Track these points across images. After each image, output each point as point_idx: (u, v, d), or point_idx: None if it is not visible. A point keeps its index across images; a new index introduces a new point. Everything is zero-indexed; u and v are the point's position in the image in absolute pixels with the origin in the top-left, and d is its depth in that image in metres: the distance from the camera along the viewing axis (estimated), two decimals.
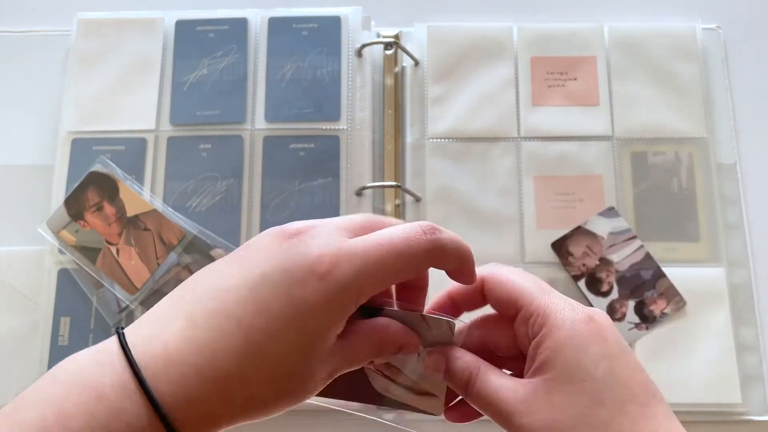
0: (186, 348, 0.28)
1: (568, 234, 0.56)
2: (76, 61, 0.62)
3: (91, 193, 0.57)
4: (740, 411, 0.53)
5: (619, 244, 0.56)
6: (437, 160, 0.59)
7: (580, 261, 0.55)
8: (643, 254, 0.55)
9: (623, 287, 0.55)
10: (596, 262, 0.55)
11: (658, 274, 0.55)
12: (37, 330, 0.55)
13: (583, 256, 0.55)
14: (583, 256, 0.55)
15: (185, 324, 0.28)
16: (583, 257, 0.55)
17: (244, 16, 0.63)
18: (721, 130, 0.61)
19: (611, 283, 0.55)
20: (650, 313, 0.54)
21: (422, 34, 0.63)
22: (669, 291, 0.55)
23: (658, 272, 0.55)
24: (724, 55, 0.63)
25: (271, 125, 0.60)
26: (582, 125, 0.60)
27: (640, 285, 0.55)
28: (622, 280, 0.55)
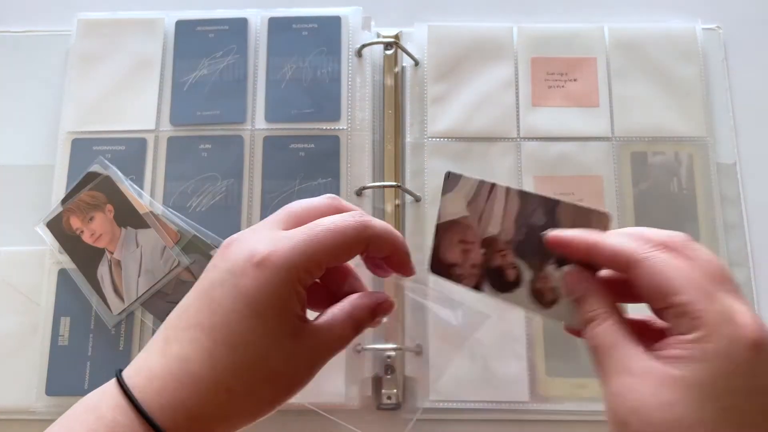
0: (165, 361, 0.31)
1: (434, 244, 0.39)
2: (76, 61, 0.62)
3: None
4: None
5: (486, 207, 0.38)
6: (437, 160, 0.59)
7: (467, 264, 0.38)
8: (517, 197, 0.37)
9: (529, 257, 0.36)
10: (482, 251, 0.38)
11: (551, 205, 0.36)
12: (37, 330, 0.55)
13: (464, 255, 0.38)
14: (464, 256, 0.38)
15: (162, 344, 0.32)
16: (464, 257, 0.38)
17: (244, 16, 0.63)
18: (721, 130, 0.61)
19: (513, 264, 0.37)
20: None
21: (422, 34, 0.63)
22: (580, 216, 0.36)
23: (550, 203, 0.36)
24: (724, 55, 0.64)
25: (271, 125, 0.60)
26: (582, 126, 0.60)
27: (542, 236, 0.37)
28: (521, 249, 0.36)
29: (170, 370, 0.31)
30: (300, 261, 0.32)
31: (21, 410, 0.54)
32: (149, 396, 0.30)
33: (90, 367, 0.54)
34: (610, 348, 0.31)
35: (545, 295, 0.36)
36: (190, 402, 0.30)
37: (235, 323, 0.31)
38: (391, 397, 0.54)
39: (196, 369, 0.30)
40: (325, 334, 0.33)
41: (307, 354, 0.33)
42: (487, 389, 0.54)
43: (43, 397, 0.54)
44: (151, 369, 0.31)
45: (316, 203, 0.35)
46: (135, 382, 0.31)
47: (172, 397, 0.30)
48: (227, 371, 0.31)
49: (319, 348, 0.33)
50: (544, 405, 0.53)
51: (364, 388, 0.54)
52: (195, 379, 0.30)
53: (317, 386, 0.53)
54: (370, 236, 0.34)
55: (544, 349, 0.55)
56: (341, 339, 0.34)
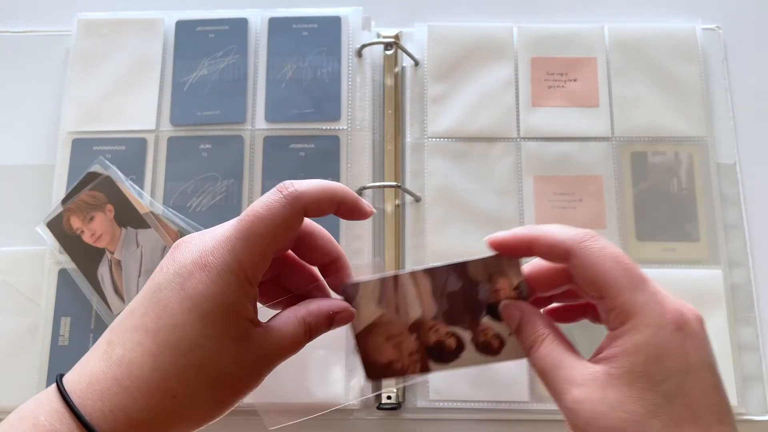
0: (106, 365, 0.30)
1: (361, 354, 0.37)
2: (77, 61, 0.62)
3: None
4: (738, 412, 0.53)
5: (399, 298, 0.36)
6: (437, 159, 0.60)
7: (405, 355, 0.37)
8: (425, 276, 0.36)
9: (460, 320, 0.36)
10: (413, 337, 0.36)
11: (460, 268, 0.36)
12: (37, 330, 0.55)
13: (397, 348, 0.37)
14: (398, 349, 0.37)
15: (105, 347, 0.31)
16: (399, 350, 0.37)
17: (244, 16, 0.63)
18: (720, 130, 0.61)
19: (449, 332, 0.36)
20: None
21: (422, 34, 0.63)
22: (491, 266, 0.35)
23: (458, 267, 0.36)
24: (724, 55, 0.64)
25: (272, 125, 0.60)
26: (582, 126, 0.60)
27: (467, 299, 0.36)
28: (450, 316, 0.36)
29: (113, 374, 0.29)
30: (244, 258, 0.30)
31: None
32: (90, 401, 0.29)
33: None
34: (555, 367, 0.31)
35: (491, 344, 0.36)
36: (132, 408, 0.29)
37: (182, 326, 0.30)
38: (391, 397, 0.54)
39: (140, 373, 0.29)
40: (275, 337, 0.32)
41: (255, 358, 0.31)
42: (487, 389, 0.54)
43: None
44: (93, 373, 0.30)
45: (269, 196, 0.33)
46: (75, 387, 0.30)
47: (113, 402, 0.29)
48: (172, 375, 0.29)
49: (268, 352, 0.32)
50: (544, 405, 0.53)
51: (364, 388, 0.54)
52: (138, 384, 0.29)
53: (317, 386, 0.53)
54: (305, 205, 0.32)
55: None
56: (293, 344, 0.33)
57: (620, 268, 0.31)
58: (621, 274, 0.31)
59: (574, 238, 0.32)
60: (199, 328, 0.30)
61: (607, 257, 0.31)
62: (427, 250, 0.57)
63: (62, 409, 0.29)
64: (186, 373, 0.30)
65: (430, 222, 0.58)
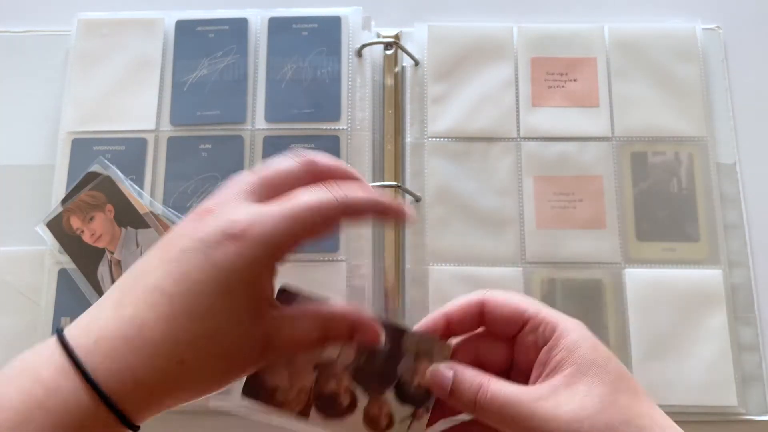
0: (115, 324, 0.29)
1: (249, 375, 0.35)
2: (76, 61, 0.62)
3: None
4: (738, 412, 0.53)
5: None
6: (437, 159, 0.60)
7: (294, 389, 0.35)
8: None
9: (367, 382, 0.35)
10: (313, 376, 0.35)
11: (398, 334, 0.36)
12: (37, 330, 0.55)
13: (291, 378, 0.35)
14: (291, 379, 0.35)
15: (115, 305, 0.30)
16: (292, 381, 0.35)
17: (244, 16, 0.63)
18: (720, 130, 0.61)
19: (349, 388, 0.35)
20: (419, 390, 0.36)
21: (422, 34, 0.63)
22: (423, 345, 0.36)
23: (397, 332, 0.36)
24: (724, 55, 0.64)
25: (272, 125, 0.60)
26: (582, 126, 0.60)
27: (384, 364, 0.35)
28: (360, 374, 0.35)
29: (122, 333, 0.29)
30: (280, 238, 0.30)
31: None
32: (96, 358, 0.28)
33: None
34: (513, 398, 0.32)
35: (380, 421, 0.35)
36: (140, 369, 0.28)
37: (201, 295, 0.29)
38: None
39: (151, 335, 0.29)
40: (287, 325, 0.32)
41: (264, 337, 0.31)
42: None
43: None
44: (100, 330, 0.29)
45: (293, 170, 0.33)
46: (80, 343, 0.29)
47: (122, 361, 0.28)
48: (183, 341, 0.29)
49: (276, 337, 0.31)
50: None
51: None
52: (149, 345, 0.28)
53: None
54: (348, 211, 0.32)
55: None
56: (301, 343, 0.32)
57: (527, 298, 0.37)
58: (530, 300, 0.36)
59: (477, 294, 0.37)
60: (219, 297, 0.29)
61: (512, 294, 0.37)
62: (427, 250, 0.57)
63: (66, 365, 0.28)
64: (197, 340, 0.29)
65: (430, 222, 0.58)
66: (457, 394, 0.34)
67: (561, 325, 0.34)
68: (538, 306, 0.36)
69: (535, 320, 0.35)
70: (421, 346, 0.35)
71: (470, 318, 0.37)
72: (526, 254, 0.57)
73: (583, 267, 0.57)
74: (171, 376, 0.29)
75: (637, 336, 0.55)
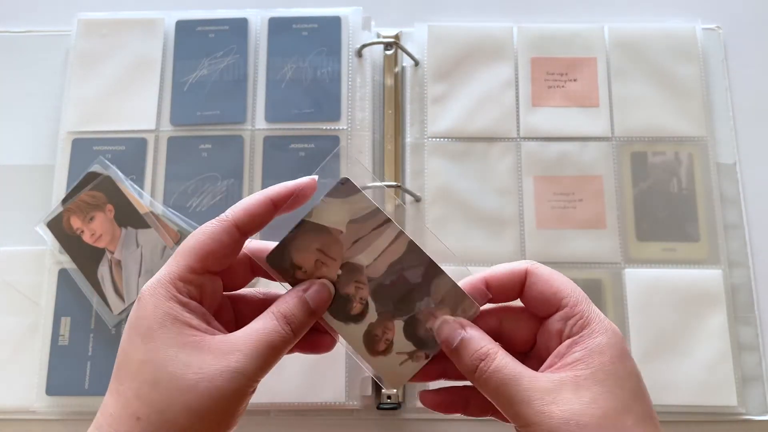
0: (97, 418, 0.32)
1: (288, 236, 0.35)
2: (77, 61, 0.62)
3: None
4: (738, 412, 0.53)
5: (367, 236, 0.35)
6: (437, 159, 0.60)
7: (315, 276, 0.35)
8: (404, 246, 0.35)
9: (383, 302, 0.35)
10: (337, 272, 0.35)
11: (433, 272, 0.35)
12: (37, 330, 0.55)
13: (317, 266, 0.35)
14: (317, 267, 0.35)
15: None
16: (315, 268, 0.35)
17: (244, 16, 0.63)
18: (720, 130, 0.61)
19: (364, 300, 0.35)
20: (428, 334, 0.35)
21: (422, 34, 0.63)
22: (451, 295, 0.35)
23: (432, 270, 0.35)
24: (724, 55, 0.64)
25: (272, 125, 0.60)
26: (582, 126, 0.60)
27: (407, 294, 0.35)
28: (380, 292, 0.35)
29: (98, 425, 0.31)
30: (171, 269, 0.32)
31: (21, 410, 0.54)
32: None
33: (90, 367, 0.54)
34: (516, 378, 0.31)
35: (378, 344, 0.35)
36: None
37: (129, 353, 0.31)
38: (391, 397, 0.54)
39: (113, 411, 0.31)
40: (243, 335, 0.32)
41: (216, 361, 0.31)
42: None
43: (44, 397, 0.54)
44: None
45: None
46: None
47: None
48: (131, 399, 0.30)
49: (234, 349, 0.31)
50: None
51: (364, 388, 0.54)
52: (112, 422, 0.31)
53: (318, 386, 0.53)
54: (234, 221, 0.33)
55: None
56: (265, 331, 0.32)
57: (571, 284, 0.34)
58: (574, 288, 0.34)
59: (525, 263, 0.35)
60: (142, 346, 0.31)
61: (559, 275, 0.34)
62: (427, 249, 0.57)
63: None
64: (140, 390, 0.30)
65: (430, 222, 0.58)
66: (460, 353, 0.33)
67: (594, 325, 0.32)
68: (579, 296, 0.33)
69: (571, 310, 0.33)
70: (449, 295, 0.35)
71: (511, 287, 0.35)
72: (526, 254, 0.57)
73: (583, 267, 0.57)
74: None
75: (637, 336, 0.55)
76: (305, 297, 0.34)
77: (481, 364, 0.32)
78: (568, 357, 0.32)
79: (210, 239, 0.33)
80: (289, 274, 0.35)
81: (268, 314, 0.33)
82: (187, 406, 0.30)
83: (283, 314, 0.33)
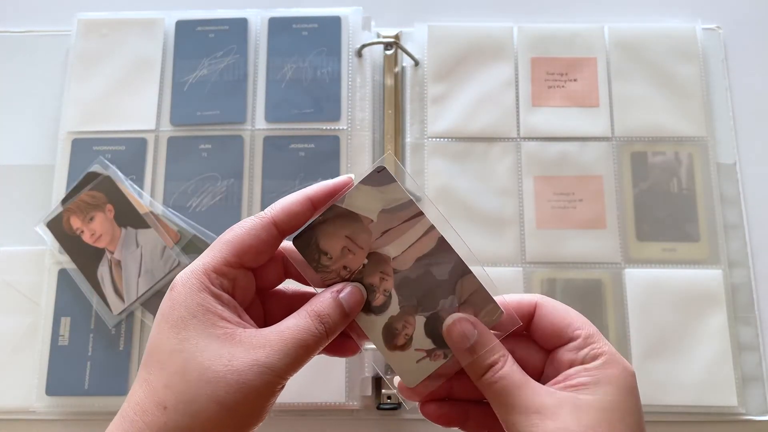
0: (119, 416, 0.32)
1: (317, 220, 0.35)
2: (77, 61, 0.62)
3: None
4: (738, 412, 0.53)
5: (397, 227, 0.35)
6: (437, 159, 0.60)
7: (339, 263, 0.35)
8: (434, 241, 0.35)
9: (406, 296, 0.35)
10: (363, 261, 0.35)
11: (460, 271, 0.34)
12: (37, 330, 0.55)
13: (344, 254, 0.35)
14: (344, 255, 0.35)
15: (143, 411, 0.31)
16: (340, 255, 0.35)
17: (244, 16, 0.63)
18: (720, 130, 0.61)
19: (388, 292, 0.35)
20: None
21: (422, 34, 0.63)
22: (477, 296, 0.34)
23: (460, 268, 0.35)
24: (724, 55, 0.64)
25: (272, 125, 0.60)
26: (582, 126, 0.60)
27: (431, 290, 0.35)
28: (405, 285, 0.35)
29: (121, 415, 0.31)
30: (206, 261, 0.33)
31: (21, 410, 0.54)
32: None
33: (90, 367, 0.54)
34: (520, 387, 0.32)
35: (397, 338, 0.34)
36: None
37: (159, 342, 0.31)
38: (391, 397, 0.54)
39: (137, 400, 0.31)
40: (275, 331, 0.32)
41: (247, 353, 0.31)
42: None
43: (44, 397, 0.54)
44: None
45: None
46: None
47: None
48: (158, 388, 0.31)
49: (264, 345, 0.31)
50: None
51: (364, 388, 0.54)
52: (134, 409, 0.31)
53: (318, 386, 0.53)
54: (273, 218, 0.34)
55: None
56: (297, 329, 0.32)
57: (583, 317, 0.35)
58: (586, 321, 0.34)
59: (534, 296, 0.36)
60: (172, 335, 0.31)
61: (570, 308, 0.35)
62: None
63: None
64: (169, 379, 0.30)
65: None
66: (471, 354, 0.33)
67: (607, 357, 0.32)
68: (592, 329, 0.34)
69: (584, 341, 0.33)
70: (475, 297, 0.34)
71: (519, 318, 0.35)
72: (526, 254, 0.57)
73: (583, 267, 0.57)
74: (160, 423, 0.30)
75: (637, 336, 0.55)
76: (339, 299, 0.34)
77: (494, 368, 0.33)
78: (575, 379, 0.32)
79: (248, 234, 0.33)
80: (314, 258, 0.35)
81: (302, 312, 0.33)
82: (215, 397, 0.30)
83: (317, 313, 0.33)
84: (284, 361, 0.31)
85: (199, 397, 0.30)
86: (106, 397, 0.53)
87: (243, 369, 0.30)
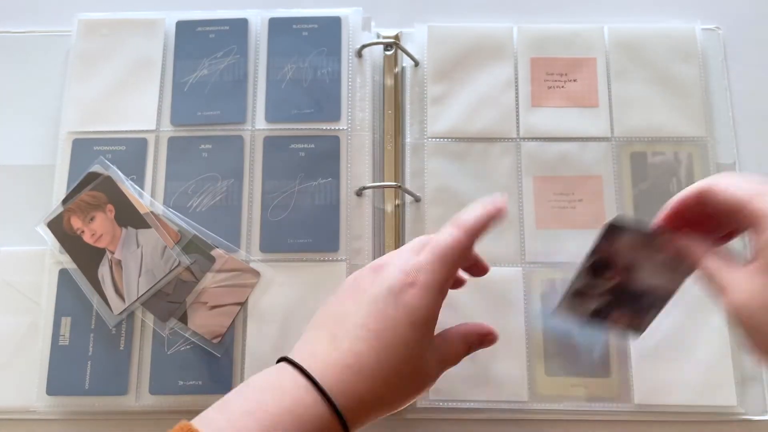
0: (337, 354, 0.38)
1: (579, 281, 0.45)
2: (77, 61, 0.62)
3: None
4: (738, 411, 0.53)
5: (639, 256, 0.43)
6: (437, 160, 0.60)
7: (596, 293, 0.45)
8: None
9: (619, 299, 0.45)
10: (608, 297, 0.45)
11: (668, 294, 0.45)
12: (38, 330, 0.55)
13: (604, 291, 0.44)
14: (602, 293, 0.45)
15: (331, 340, 0.39)
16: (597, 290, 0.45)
17: (245, 16, 0.63)
18: (720, 131, 0.61)
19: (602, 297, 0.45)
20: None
21: (422, 34, 0.63)
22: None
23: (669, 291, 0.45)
24: (724, 55, 0.64)
25: (272, 125, 0.60)
26: (581, 126, 0.60)
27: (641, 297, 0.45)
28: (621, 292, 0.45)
29: (344, 362, 0.37)
30: (441, 277, 0.39)
31: (21, 410, 0.54)
32: (329, 381, 0.36)
33: (90, 367, 0.54)
34: (726, 268, 0.36)
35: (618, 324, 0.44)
36: (361, 390, 0.37)
37: (397, 329, 0.38)
38: None
39: (367, 362, 0.37)
40: (445, 348, 0.41)
41: (435, 361, 0.40)
42: (487, 388, 0.54)
43: (44, 397, 0.54)
44: (325, 359, 0.37)
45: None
46: (310, 367, 0.37)
47: (346, 383, 0.36)
48: (388, 368, 0.37)
49: (441, 358, 0.41)
50: (543, 404, 0.54)
51: None
52: (366, 371, 0.37)
53: None
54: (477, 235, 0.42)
55: (544, 349, 0.55)
56: (456, 356, 0.42)
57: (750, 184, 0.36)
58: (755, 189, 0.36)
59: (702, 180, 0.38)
60: (409, 330, 0.38)
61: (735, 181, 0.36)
62: None
63: (305, 383, 0.36)
64: (398, 366, 0.38)
65: (430, 222, 0.58)
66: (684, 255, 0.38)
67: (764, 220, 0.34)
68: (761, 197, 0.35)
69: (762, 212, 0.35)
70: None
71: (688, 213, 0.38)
72: (526, 254, 0.58)
73: None
74: (380, 394, 0.37)
75: None
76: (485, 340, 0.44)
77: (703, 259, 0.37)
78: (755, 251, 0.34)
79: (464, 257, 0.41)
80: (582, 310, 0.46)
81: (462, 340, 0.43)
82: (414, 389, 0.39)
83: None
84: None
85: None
86: (107, 397, 0.53)
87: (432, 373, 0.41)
